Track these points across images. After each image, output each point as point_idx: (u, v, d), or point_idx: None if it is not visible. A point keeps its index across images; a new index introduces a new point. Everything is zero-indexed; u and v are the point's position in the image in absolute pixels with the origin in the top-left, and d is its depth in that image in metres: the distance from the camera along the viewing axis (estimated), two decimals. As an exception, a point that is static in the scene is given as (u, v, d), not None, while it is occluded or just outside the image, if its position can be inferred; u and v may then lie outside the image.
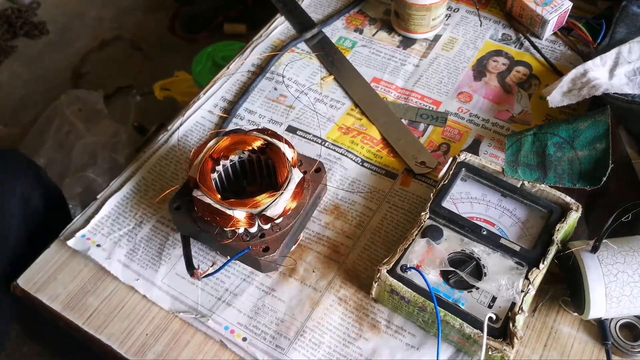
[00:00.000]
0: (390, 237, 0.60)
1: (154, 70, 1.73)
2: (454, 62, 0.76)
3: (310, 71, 0.76)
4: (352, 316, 0.55)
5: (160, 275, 0.58)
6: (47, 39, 1.89)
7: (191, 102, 0.74)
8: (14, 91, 1.74)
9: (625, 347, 0.51)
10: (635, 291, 0.48)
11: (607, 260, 0.49)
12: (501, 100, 0.71)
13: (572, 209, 0.54)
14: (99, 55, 1.82)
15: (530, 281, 0.50)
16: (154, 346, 0.54)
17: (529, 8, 0.75)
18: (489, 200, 0.57)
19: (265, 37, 0.81)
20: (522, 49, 0.77)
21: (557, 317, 0.54)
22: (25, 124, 1.61)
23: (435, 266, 0.52)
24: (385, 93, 0.73)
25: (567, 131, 0.59)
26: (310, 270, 0.58)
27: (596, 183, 0.55)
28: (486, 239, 0.53)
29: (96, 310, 0.56)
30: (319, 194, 0.59)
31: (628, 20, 0.72)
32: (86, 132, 1.48)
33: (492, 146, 0.67)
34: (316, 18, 0.83)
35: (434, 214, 0.55)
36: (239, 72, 0.77)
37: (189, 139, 0.70)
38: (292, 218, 0.54)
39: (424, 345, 0.53)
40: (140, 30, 1.84)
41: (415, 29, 0.77)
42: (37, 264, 0.60)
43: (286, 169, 0.53)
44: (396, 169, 0.65)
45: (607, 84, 0.64)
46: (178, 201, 0.55)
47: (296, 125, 0.70)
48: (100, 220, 0.62)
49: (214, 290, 0.57)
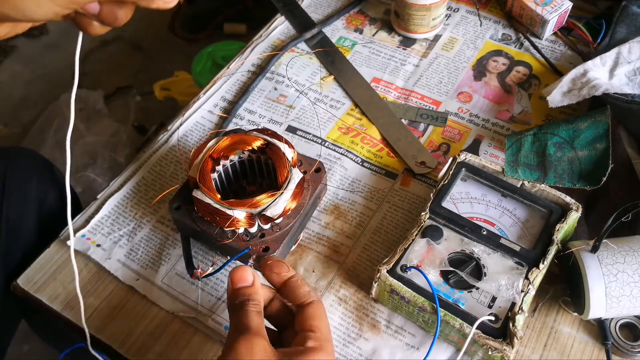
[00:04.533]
0: (390, 237, 0.60)
1: (154, 70, 1.73)
2: (454, 62, 0.76)
3: (310, 71, 0.76)
4: (352, 316, 0.55)
5: (160, 275, 0.58)
6: (47, 39, 1.89)
7: (191, 102, 0.74)
8: (14, 91, 1.74)
9: (625, 347, 0.51)
10: (635, 291, 0.48)
11: (607, 260, 0.49)
12: (501, 100, 0.71)
13: (572, 209, 0.54)
14: (99, 55, 1.82)
15: (530, 281, 0.50)
16: (154, 346, 0.54)
17: (529, 8, 0.75)
18: (489, 200, 0.57)
19: (265, 37, 0.81)
20: (522, 49, 0.77)
21: (557, 317, 0.54)
22: (25, 123, 1.61)
23: (435, 266, 0.52)
24: (385, 93, 0.73)
25: (567, 131, 0.59)
26: (310, 270, 0.58)
27: (596, 183, 0.55)
28: (486, 239, 0.53)
29: (96, 310, 0.56)
30: (319, 194, 0.59)
31: (628, 20, 0.72)
32: (86, 132, 1.48)
33: (492, 146, 0.67)
34: (316, 18, 0.83)
35: (434, 214, 0.55)
36: (239, 72, 0.77)
37: (189, 139, 0.70)
38: (292, 218, 0.54)
39: (424, 345, 0.53)
40: (140, 30, 1.84)
41: (415, 29, 0.77)
42: (37, 264, 0.60)
43: (286, 169, 0.53)
44: (396, 169, 0.65)
45: (607, 84, 0.64)
46: (178, 201, 0.55)
47: (296, 125, 0.70)
48: (100, 220, 0.62)
49: (213, 290, 0.57)
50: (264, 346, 0.41)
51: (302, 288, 0.46)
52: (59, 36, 1.89)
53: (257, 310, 0.44)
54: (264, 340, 0.41)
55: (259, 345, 0.40)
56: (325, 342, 0.42)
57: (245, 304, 0.43)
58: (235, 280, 0.45)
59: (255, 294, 0.45)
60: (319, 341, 0.42)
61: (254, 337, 0.41)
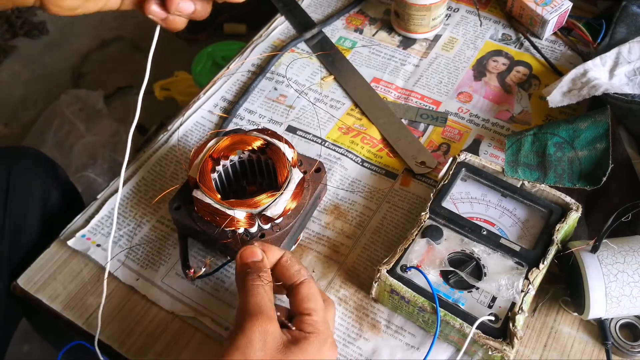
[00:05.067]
0: (390, 237, 0.60)
1: (154, 70, 1.72)
2: (454, 62, 0.76)
3: (310, 71, 0.76)
4: (352, 316, 0.55)
5: (160, 275, 0.58)
6: (47, 39, 1.89)
7: (191, 102, 0.74)
8: (14, 91, 1.74)
9: (625, 347, 0.51)
10: (635, 291, 0.48)
11: (607, 260, 0.49)
12: (501, 100, 0.71)
13: (572, 209, 0.54)
14: (99, 55, 1.82)
15: (530, 281, 0.50)
16: (154, 346, 0.54)
17: (529, 8, 0.75)
18: (489, 200, 0.57)
19: (265, 37, 0.81)
20: (522, 49, 0.77)
21: (557, 317, 0.54)
22: (25, 123, 1.61)
23: (435, 266, 0.52)
24: (385, 93, 0.73)
25: (567, 131, 0.59)
26: (310, 270, 0.58)
27: (596, 183, 0.55)
28: (486, 239, 0.53)
29: (96, 310, 0.56)
30: (319, 194, 0.59)
31: (628, 20, 0.72)
32: (86, 132, 1.48)
33: (492, 146, 0.67)
34: (316, 18, 0.83)
35: (434, 214, 0.55)
36: (239, 72, 0.77)
37: (189, 139, 0.70)
38: (292, 218, 0.54)
39: (424, 345, 0.53)
40: (140, 30, 1.84)
41: (415, 29, 0.77)
42: (37, 264, 0.60)
43: (286, 169, 0.53)
44: (396, 169, 0.65)
45: (607, 84, 0.64)
46: (178, 201, 0.55)
47: (296, 125, 0.70)
48: (100, 220, 0.62)
49: (213, 290, 0.57)
50: (275, 331, 0.41)
51: (292, 268, 0.46)
52: (59, 36, 1.89)
53: (268, 286, 0.44)
54: (275, 325, 0.41)
55: (271, 331, 0.41)
56: (320, 324, 0.43)
57: (255, 279, 0.43)
58: (244, 256, 0.46)
59: (265, 268, 0.45)
60: (314, 325, 0.43)
61: (267, 322, 0.41)
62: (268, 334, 0.40)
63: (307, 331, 0.42)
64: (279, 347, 0.41)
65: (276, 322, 0.42)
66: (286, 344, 0.41)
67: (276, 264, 0.47)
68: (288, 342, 0.41)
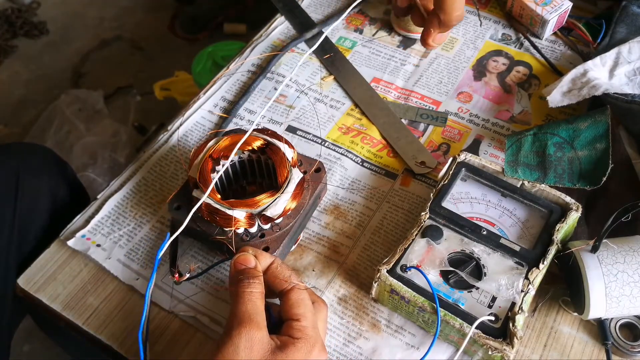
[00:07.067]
0: (390, 237, 0.60)
1: (154, 70, 1.73)
2: (453, 62, 0.76)
3: (310, 71, 0.76)
4: (352, 315, 0.55)
5: (160, 275, 0.58)
6: (47, 39, 1.89)
7: (191, 102, 0.74)
8: (14, 91, 1.74)
9: (625, 347, 0.51)
10: (635, 291, 0.48)
11: (607, 260, 0.49)
12: (501, 100, 0.71)
13: (572, 209, 0.54)
14: (99, 55, 1.82)
15: (530, 281, 0.50)
16: (154, 346, 0.54)
17: (529, 8, 0.75)
18: (489, 200, 0.57)
19: (265, 37, 0.81)
20: (522, 49, 0.77)
21: (557, 317, 0.54)
22: (25, 123, 1.61)
23: (435, 266, 0.52)
24: (385, 93, 0.73)
25: (567, 131, 0.59)
26: (310, 269, 0.58)
27: (596, 183, 0.55)
28: (486, 239, 0.53)
29: (96, 310, 0.56)
30: (319, 194, 0.59)
31: (628, 20, 0.72)
32: (86, 132, 1.48)
33: (492, 146, 0.67)
34: (316, 18, 0.83)
35: (434, 213, 0.55)
36: (239, 72, 0.77)
37: (189, 139, 0.70)
38: (292, 218, 0.54)
39: (424, 345, 0.53)
40: (140, 30, 1.84)
41: (415, 28, 0.77)
42: (37, 264, 0.60)
43: (286, 169, 0.54)
44: (396, 169, 0.65)
45: (607, 84, 0.64)
46: (178, 201, 0.55)
47: (296, 125, 0.70)
48: (100, 220, 0.62)
49: (213, 290, 0.57)
50: (262, 338, 0.42)
51: (281, 274, 0.46)
52: (59, 36, 1.89)
53: (259, 292, 0.44)
54: (263, 332, 0.42)
55: (258, 338, 0.41)
56: (309, 329, 0.43)
57: (246, 285, 0.44)
58: (238, 262, 0.46)
59: (257, 275, 0.45)
60: (302, 331, 0.43)
61: (255, 329, 0.42)
62: (254, 341, 0.41)
63: (295, 337, 0.43)
64: (265, 354, 0.41)
65: (264, 329, 0.42)
66: (273, 350, 0.42)
67: (266, 270, 0.47)
68: (276, 347, 0.42)
